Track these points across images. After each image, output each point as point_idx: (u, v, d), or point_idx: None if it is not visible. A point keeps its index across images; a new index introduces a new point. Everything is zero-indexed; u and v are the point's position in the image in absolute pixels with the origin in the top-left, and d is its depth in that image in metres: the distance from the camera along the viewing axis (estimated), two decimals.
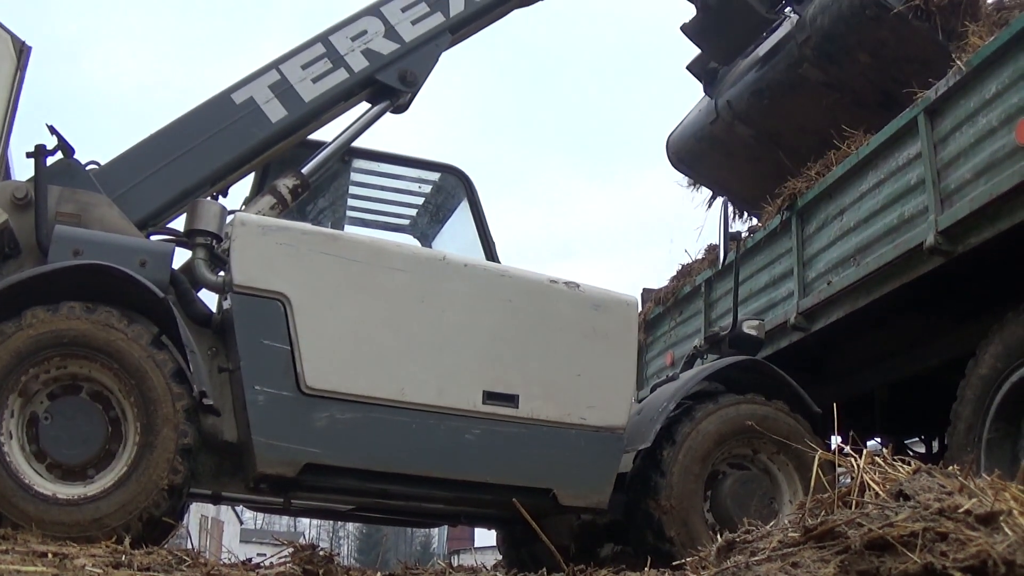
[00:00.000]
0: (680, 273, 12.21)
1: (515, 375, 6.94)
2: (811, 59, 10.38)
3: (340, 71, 8.02)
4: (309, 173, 7.80)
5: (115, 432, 5.99)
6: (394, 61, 8.21)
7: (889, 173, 8.23)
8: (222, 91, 7.76)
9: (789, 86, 10.76)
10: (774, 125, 11.25)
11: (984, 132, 7.14)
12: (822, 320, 8.99)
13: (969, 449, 7.31)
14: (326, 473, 6.45)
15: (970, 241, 7.25)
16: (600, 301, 7.28)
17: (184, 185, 7.38)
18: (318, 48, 8.04)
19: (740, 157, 11.94)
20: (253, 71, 7.90)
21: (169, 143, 7.46)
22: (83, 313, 5.89)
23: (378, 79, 8.17)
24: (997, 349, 7.23)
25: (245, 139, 7.65)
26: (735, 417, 7.41)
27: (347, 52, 8.06)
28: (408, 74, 8.23)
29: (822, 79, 10.30)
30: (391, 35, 8.24)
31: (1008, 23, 7.40)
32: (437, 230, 9.15)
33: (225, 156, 7.59)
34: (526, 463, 6.90)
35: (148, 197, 7.24)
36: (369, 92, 8.29)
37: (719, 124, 11.86)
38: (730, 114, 11.63)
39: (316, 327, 6.47)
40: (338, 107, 8.18)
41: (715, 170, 12.56)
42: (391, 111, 8.32)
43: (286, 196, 7.61)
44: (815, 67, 10.39)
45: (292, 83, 7.85)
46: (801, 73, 10.54)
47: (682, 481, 7.16)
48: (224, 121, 7.62)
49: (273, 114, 7.74)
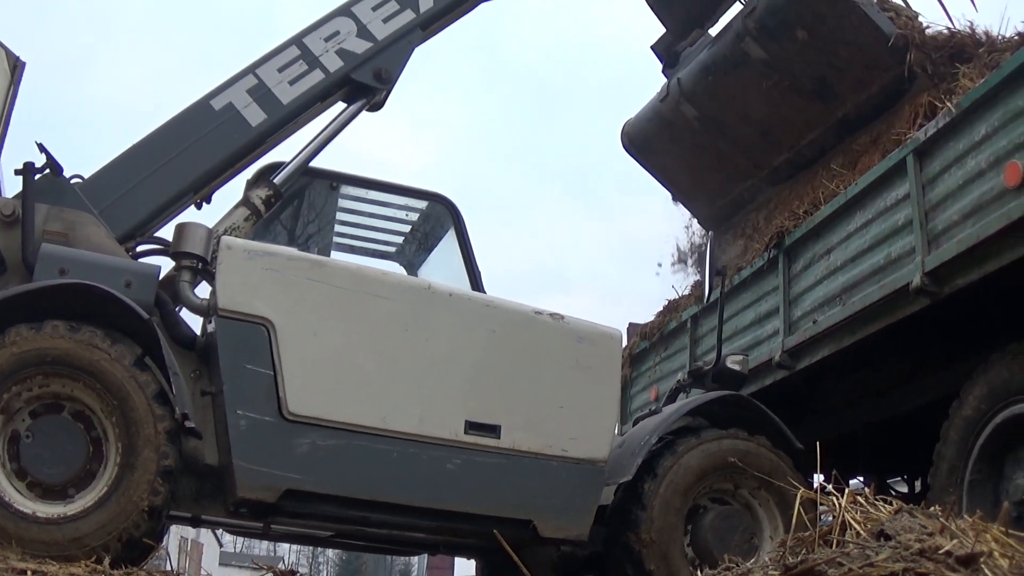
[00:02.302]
0: (666, 308, 12.26)
1: (498, 405, 6.98)
2: (752, 33, 10.39)
3: (316, 72, 8.12)
4: (282, 183, 7.86)
5: (96, 452, 6.01)
6: (368, 59, 8.32)
7: (877, 213, 8.29)
8: (201, 98, 7.84)
9: (732, 63, 10.79)
10: (717, 108, 11.31)
11: (973, 174, 7.19)
12: (807, 358, 9.02)
13: (951, 490, 7.34)
14: (306, 499, 6.46)
15: (956, 283, 7.30)
16: (584, 333, 7.32)
17: (169, 194, 7.47)
18: (293, 50, 8.14)
19: (684, 143, 11.97)
20: (230, 76, 7.98)
21: (152, 153, 7.53)
22: (67, 332, 5.92)
23: (353, 78, 8.27)
24: (981, 391, 7.28)
25: (226, 145, 7.73)
26: (717, 452, 7.42)
27: (322, 53, 8.17)
28: (383, 72, 8.34)
29: (762, 56, 10.32)
30: (364, 34, 8.35)
31: (999, 66, 7.42)
32: (423, 258, 9.17)
33: (207, 163, 7.66)
34: (507, 494, 6.91)
35: (133, 208, 7.30)
36: (345, 92, 8.40)
37: (668, 102, 11.86)
38: (678, 91, 11.64)
39: (300, 353, 6.50)
40: (315, 108, 8.29)
41: (661, 156, 12.54)
42: (367, 109, 8.45)
43: (260, 207, 7.68)
44: (756, 42, 10.39)
45: (270, 86, 7.94)
46: (743, 48, 10.56)
47: (663, 515, 7.16)
48: (205, 128, 7.69)
49: (253, 118, 7.82)
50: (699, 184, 12.20)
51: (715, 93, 11.20)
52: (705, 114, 11.46)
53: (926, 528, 3.85)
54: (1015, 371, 7.00)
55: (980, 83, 7.45)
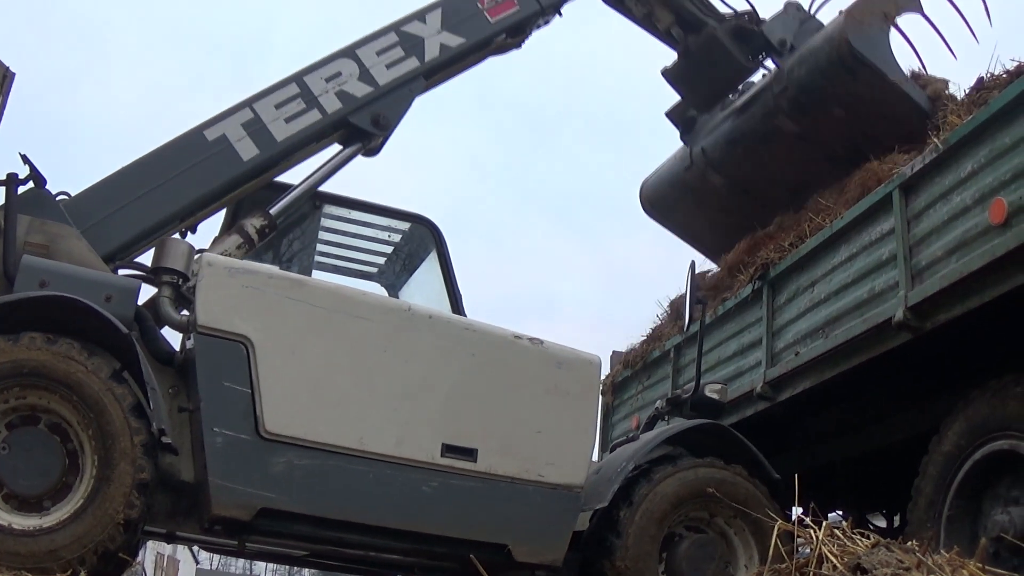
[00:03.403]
0: (650, 337, 12.31)
1: (475, 429, 7.03)
2: (786, 110, 10.58)
3: (313, 111, 8.13)
4: (277, 214, 7.87)
5: (72, 464, 6.03)
6: (367, 104, 8.33)
7: (862, 247, 8.37)
8: (195, 127, 7.85)
9: (763, 136, 10.94)
10: (746, 175, 11.44)
11: (958, 210, 7.26)
12: (788, 390, 9.10)
13: (929, 525, 7.41)
14: (281, 518, 6.50)
15: (939, 318, 7.37)
16: (563, 359, 7.39)
17: (154, 220, 7.47)
18: (292, 88, 8.16)
19: (711, 206, 12.09)
20: (227, 108, 7.99)
21: (140, 177, 7.55)
22: (44, 344, 5.96)
23: (351, 121, 8.29)
24: (961, 426, 7.35)
25: (216, 176, 7.75)
26: (693, 480, 7.47)
27: (321, 93, 8.19)
28: (381, 118, 8.36)
29: (795, 130, 10.49)
30: (365, 78, 8.38)
31: (987, 103, 7.49)
32: (404, 280, 9.21)
33: (195, 192, 7.68)
34: (482, 517, 6.97)
35: (117, 230, 7.32)
36: (341, 134, 8.41)
37: (692, 171, 12.02)
38: (704, 161, 11.80)
39: (278, 371, 6.55)
40: (310, 148, 8.28)
41: (686, 218, 12.68)
42: (363, 154, 8.47)
43: (253, 236, 7.68)
44: (789, 118, 10.58)
45: (265, 122, 7.96)
46: (776, 124, 10.74)
47: (638, 542, 7.21)
48: (196, 157, 7.71)
49: (245, 152, 7.84)
50: (725, 242, 12.28)
51: (744, 163, 11.35)
52: (734, 182, 11.60)
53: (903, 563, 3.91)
54: (995, 407, 7.06)
55: (967, 120, 7.52)
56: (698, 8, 10.99)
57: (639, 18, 11.01)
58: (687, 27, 11.07)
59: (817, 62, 10.18)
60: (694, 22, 11.01)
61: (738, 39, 11.04)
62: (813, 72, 10.23)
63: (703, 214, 12.30)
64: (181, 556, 61.12)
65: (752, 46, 11.14)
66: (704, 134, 11.99)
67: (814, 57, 10.24)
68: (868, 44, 9.89)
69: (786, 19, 11.16)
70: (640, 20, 11.04)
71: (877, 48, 9.96)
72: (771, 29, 11.04)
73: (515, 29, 9.56)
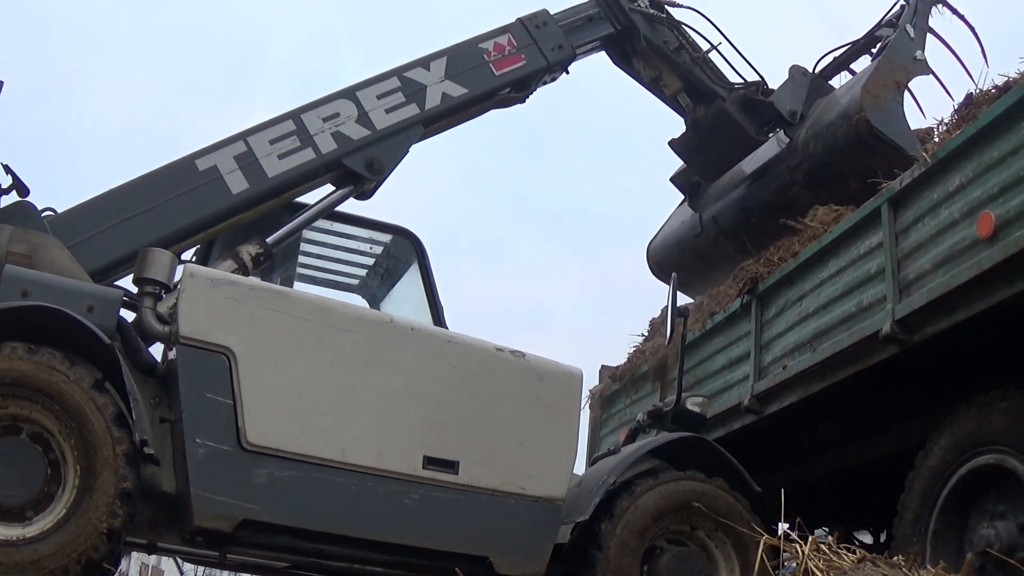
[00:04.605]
0: (637, 351, 12.38)
1: (456, 441, 7.11)
2: (802, 183, 10.73)
3: (307, 150, 8.21)
4: (272, 244, 7.97)
5: (55, 474, 6.07)
6: (363, 147, 8.41)
7: (850, 261, 8.45)
8: (187, 155, 7.93)
9: (778, 207, 10.94)
10: (760, 243, 11.42)
11: (945, 224, 7.34)
12: (775, 404, 9.16)
13: (915, 540, 7.47)
14: (263, 530, 6.56)
15: (926, 331, 7.43)
16: (545, 372, 7.48)
17: (137, 244, 7.47)
18: (288, 124, 8.25)
19: (723, 270, 12.08)
20: (221, 139, 8.06)
21: (128, 200, 7.64)
22: (25, 354, 6.00)
23: (344, 163, 8.36)
24: (947, 441, 7.41)
25: (203, 206, 7.83)
26: (674, 493, 7.54)
27: (317, 132, 8.27)
28: (375, 162, 8.44)
29: (811, 201, 10.54)
30: (363, 121, 8.46)
31: (975, 118, 7.54)
32: (386, 292, 9.29)
33: (181, 221, 7.75)
34: (464, 530, 7.04)
35: (100, 251, 7.40)
36: (334, 175, 8.46)
37: (704, 238, 12.21)
38: (715, 229, 12.00)
39: (260, 383, 6.62)
40: (301, 187, 8.34)
41: (696, 280, 12.72)
42: (355, 197, 8.53)
43: (247, 262, 7.76)
44: (806, 190, 10.69)
45: (258, 156, 8.04)
46: (791, 195, 10.84)
47: (619, 555, 7.27)
48: (185, 186, 7.80)
49: (234, 185, 7.92)
50: None
51: (759, 232, 11.37)
52: (747, 248, 11.68)
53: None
54: (982, 422, 7.12)
55: (956, 134, 7.59)
56: (707, 76, 11.14)
57: (647, 81, 11.15)
58: (695, 95, 11.24)
59: (835, 138, 10.35)
60: (702, 90, 11.19)
61: (747, 111, 11.20)
62: (830, 148, 10.41)
63: (716, 277, 12.36)
64: (165, 567, 60.77)
65: (761, 117, 11.31)
66: (713, 200, 12.17)
67: (831, 132, 10.41)
68: (885, 119, 10.08)
69: (794, 87, 11.29)
70: (648, 83, 11.18)
71: (893, 122, 10.16)
72: (780, 99, 11.17)
73: (520, 84, 9.72)
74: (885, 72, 10.49)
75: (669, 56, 10.89)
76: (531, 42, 9.66)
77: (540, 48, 9.70)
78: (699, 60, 11.11)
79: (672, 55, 10.89)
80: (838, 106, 10.58)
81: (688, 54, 11.02)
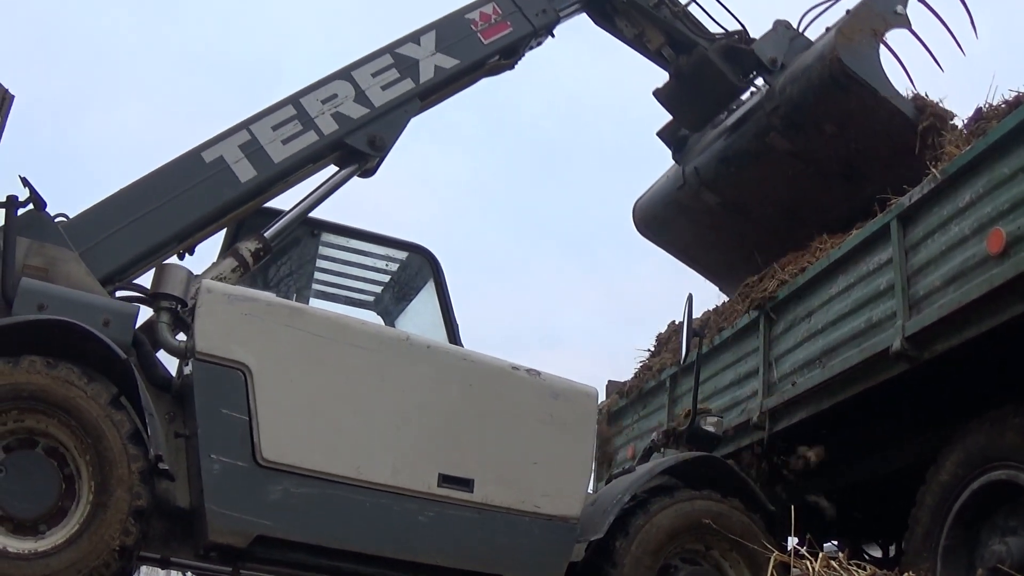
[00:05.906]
0: (645, 367, 12.42)
1: (471, 459, 7.12)
2: (779, 128, 10.80)
3: (310, 133, 8.26)
4: (272, 237, 7.97)
5: (69, 489, 6.08)
6: (363, 125, 8.48)
7: (859, 277, 8.47)
8: (192, 149, 7.96)
9: (755, 155, 11.17)
10: (739, 193, 11.64)
11: (956, 240, 7.36)
12: (785, 420, 9.19)
13: (926, 555, 7.50)
14: (277, 546, 6.57)
15: (936, 348, 7.46)
16: (560, 390, 7.48)
17: (152, 242, 7.56)
18: (289, 110, 8.29)
19: (705, 224, 12.30)
20: (224, 130, 8.10)
21: (138, 199, 7.64)
22: (43, 368, 6.01)
23: (347, 143, 8.43)
24: (959, 456, 7.45)
25: (214, 198, 7.85)
26: (689, 512, 7.55)
27: (317, 115, 8.32)
28: (377, 139, 8.51)
29: (788, 148, 10.68)
30: (361, 99, 8.52)
31: (985, 133, 7.58)
32: (401, 309, 9.29)
33: (193, 214, 7.77)
34: (478, 548, 7.04)
35: (115, 252, 7.39)
36: (337, 155, 8.54)
37: (686, 190, 12.22)
38: (697, 181, 12.00)
39: (275, 399, 6.63)
40: (306, 169, 8.41)
41: (679, 236, 12.90)
42: (359, 175, 8.62)
43: (248, 259, 7.77)
44: (782, 136, 10.80)
45: (262, 143, 8.08)
46: (768, 142, 10.97)
47: (633, 573, 7.28)
48: (194, 179, 7.81)
49: (243, 174, 7.95)
50: (720, 259, 12.51)
51: (738, 182, 11.56)
52: (727, 200, 11.79)
53: None
54: (993, 438, 7.16)
55: (966, 150, 7.60)
56: (688, 28, 11.16)
57: (630, 39, 11.20)
58: (678, 48, 11.25)
59: (809, 80, 10.39)
60: (685, 42, 11.21)
61: (729, 59, 11.23)
62: (805, 90, 10.45)
63: (697, 232, 12.46)
64: None
65: (743, 65, 11.35)
66: (696, 153, 12.18)
67: (806, 75, 10.44)
68: (858, 61, 10.11)
69: (776, 37, 11.32)
70: (631, 40, 11.22)
71: (867, 64, 10.18)
72: (761, 48, 11.21)
73: (508, 50, 9.77)
74: (863, 18, 10.54)
75: (649, 12, 10.94)
76: (515, 9, 9.73)
77: (524, 14, 9.76)
78: (679, 14, 11.19)
79: (652, 10, 10.95)
80: (815, 51, 10.65)
81: (668, 8, 11.07)
